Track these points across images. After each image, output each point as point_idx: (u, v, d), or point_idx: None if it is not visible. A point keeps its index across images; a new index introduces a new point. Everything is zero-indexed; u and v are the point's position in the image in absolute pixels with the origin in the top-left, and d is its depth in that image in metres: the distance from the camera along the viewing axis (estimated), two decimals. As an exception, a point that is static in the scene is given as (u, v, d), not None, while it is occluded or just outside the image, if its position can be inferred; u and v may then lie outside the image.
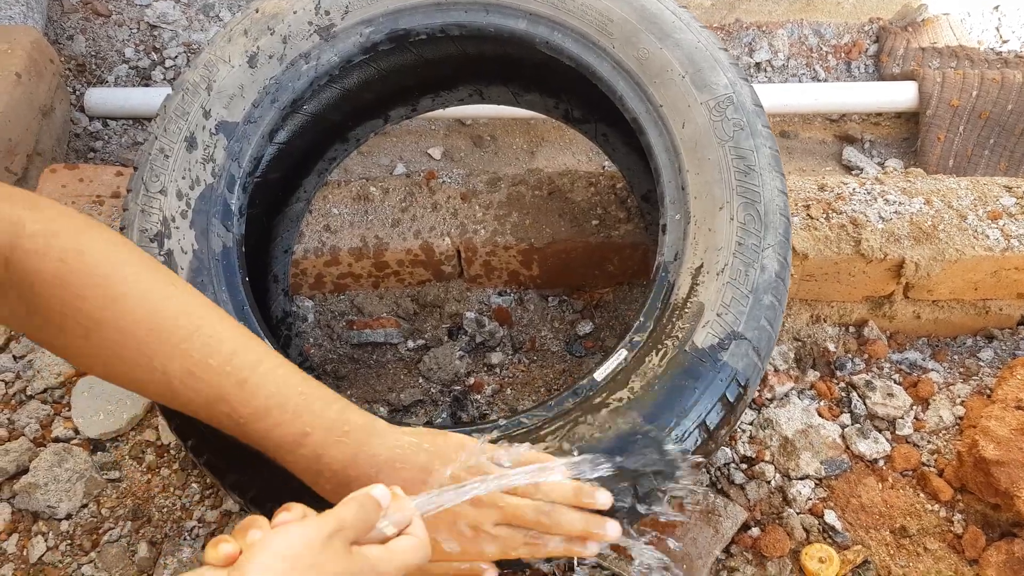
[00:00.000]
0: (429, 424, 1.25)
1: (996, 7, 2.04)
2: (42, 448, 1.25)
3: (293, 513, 0.62)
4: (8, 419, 1.29)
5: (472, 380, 1.31)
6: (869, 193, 1.31)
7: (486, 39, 1.12)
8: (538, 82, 1.27)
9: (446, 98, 1.32)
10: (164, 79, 1.86)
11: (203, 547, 1.15)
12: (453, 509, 0.74)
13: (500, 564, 0.81)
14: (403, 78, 1.22)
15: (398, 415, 1.28)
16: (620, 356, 0.92)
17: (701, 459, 0.86)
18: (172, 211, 1.03)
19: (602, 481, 0.81)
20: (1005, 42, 2.03)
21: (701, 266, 0.94)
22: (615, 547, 0.83)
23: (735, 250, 0.93)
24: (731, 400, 0.88)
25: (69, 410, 1.29)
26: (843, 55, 1.98)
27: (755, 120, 0.98)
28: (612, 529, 0.81)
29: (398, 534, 0.66)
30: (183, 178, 1.04)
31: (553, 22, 1.07)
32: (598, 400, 0.88)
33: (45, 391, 1.32)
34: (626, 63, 1.03)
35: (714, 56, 1.01)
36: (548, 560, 0.85)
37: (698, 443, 0.88)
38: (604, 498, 0.81)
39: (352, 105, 1.20)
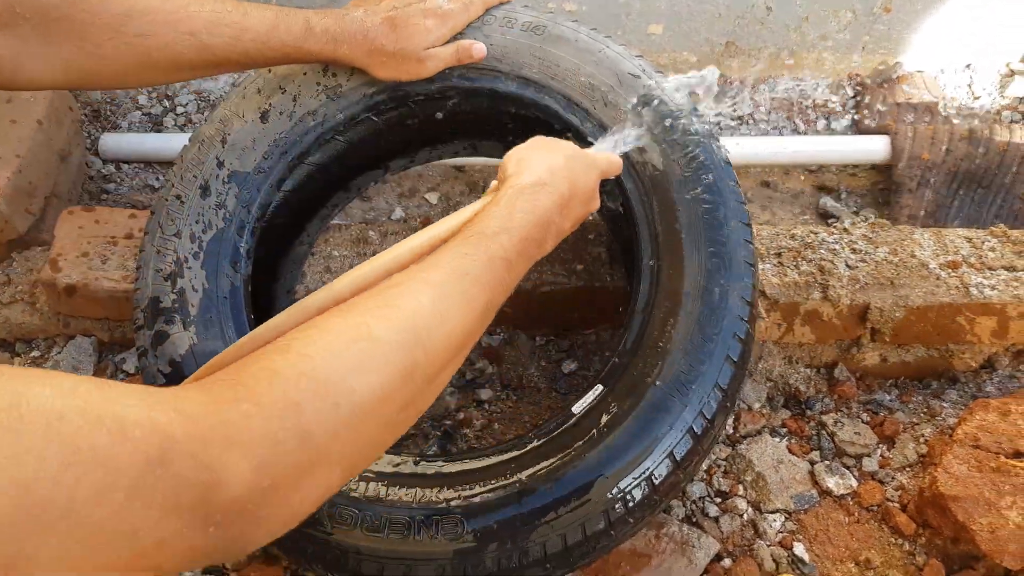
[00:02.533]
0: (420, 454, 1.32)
1: (968, 65, 2.15)
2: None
3: None
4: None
5: (462, 415, 1.39)
6: (837, 243, 1.39)
7: (480, 99, 1.21)
8: (527, 138, 1.36)
9: (442, 151, 1.41)
10: (175, 125, 1.96)
11: (202, 571, 1.21)
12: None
13: None
14: (403, 133, 1.31)
15: (390, 449, 1.35)
16: (596, 391, 0.99)
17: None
18: (185, 252, 1.11)
19: None
20: (977, 98, 2.13)
21: (671, 308, 1.02)
22: None
23: (703, 295, 1.01)
24: (698, 433, 0.96)
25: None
26: (822, 109, 2.08)
27: (723, 176, 1.07)
28: None
29: None
30: (196, 222, 1.12)
31: (540, 85, 1.16)
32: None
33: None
34: (607, 124, 1.13)
35: (687, 117, 1.10)
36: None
37: (667, 473, 0.95)
38: None
39: (355, 157, 1.29)
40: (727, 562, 1.21)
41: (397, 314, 0.66)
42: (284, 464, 0.56)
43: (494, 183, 0.93)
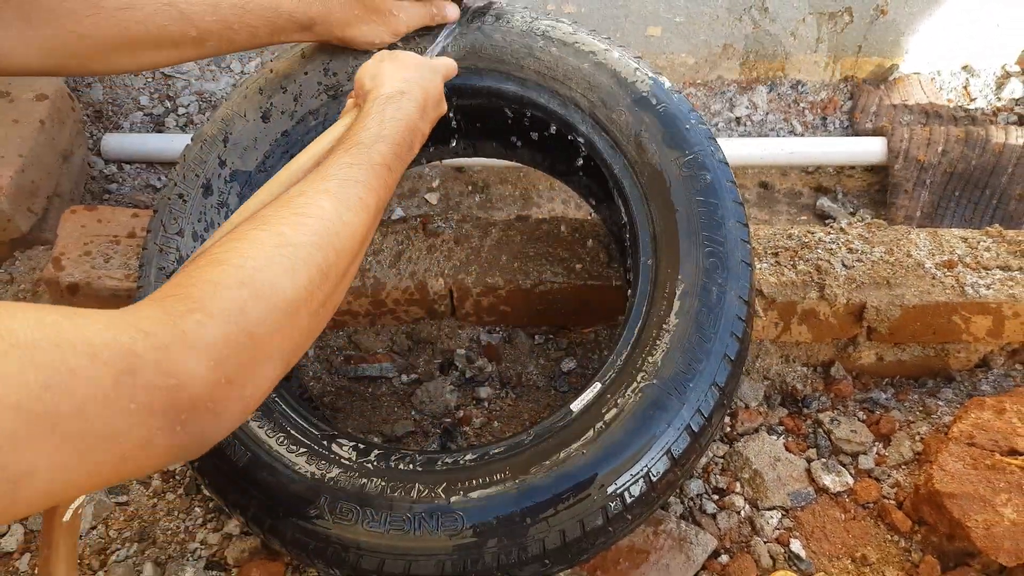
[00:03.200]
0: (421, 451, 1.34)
1: (964, 67, 2.17)
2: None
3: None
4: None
5: (462, 413, 1.40)
6: (834, 242, 1.41)
7: (480, 99, 1.22)
8: (526, 138, 1.37)
9: (442, 151, 1.42)
10: (177, 126, 1.97)
11: (205, 567, 1.22)
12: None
13: None
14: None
15: (391, 445, 1.36)
16: (595, 389, 1.00)
17: None
18: (188, 250, 1.12)
19: None
20: (972, 100, 2.14)
21: (669, 306, 1.03)
22: None
23: (700, 294, 1.02)
24: (695, 430, 0.97)
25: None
26: (819, 111, 2.10)
27: (721, 176, 1.08)
28: None
29: None
30: (199, 221, 1.14)
31: (540, 86, 1.17)
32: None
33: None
34: (607, 124, 1.14)
35: (685, 118, 1.11)
36: None
37: (665, 470, 0.96)
38: None
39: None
40: (724, 558, 1.22)
41: (307, 221, 0.75)
42: (236, 362, 0.64)
43: (350, 101, 1.02)
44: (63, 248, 1.44)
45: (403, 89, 0.95)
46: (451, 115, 1.24)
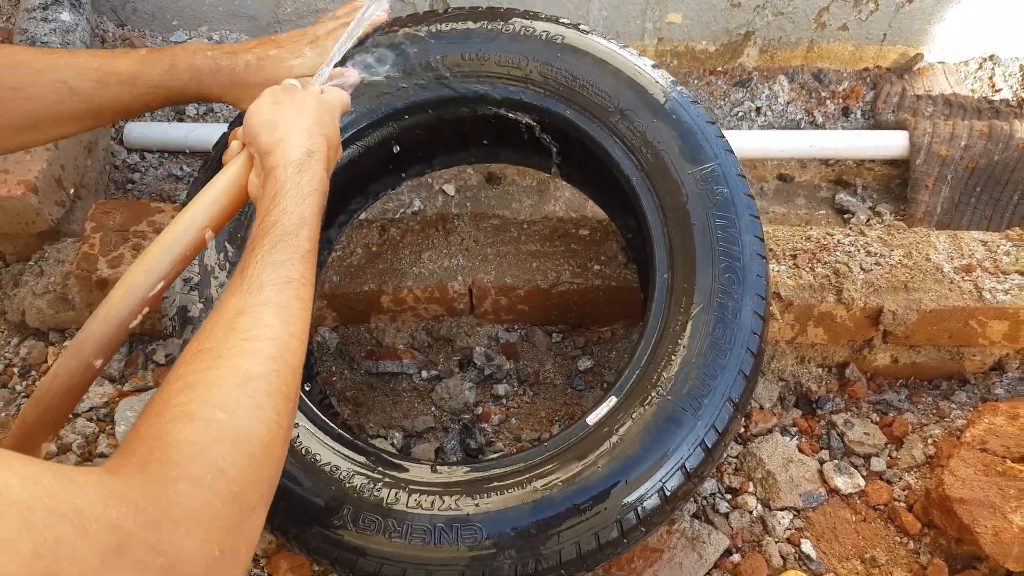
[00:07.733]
0: (440, 449, 1.37)
1: (990, 56, 2.14)
2: (88, 463, 1.37)
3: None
4: (57, 435, 1.41)
5: (480, 410, 1.43)
6: (852, 245, 1.41)
7: (495, 107, 1.23)
8: (542, 147, 1.37)
9: (458, 157, 1.43)
10: (198, 114, 1.98)
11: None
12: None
13: None
14: (420, 139, 1.33)
15: (412, 440, 1.39)
16: (610, 402, 1.02)
17: None
18: (211, 262, 1.15)
19: None
20: (998, 91, 2.12)
21: (685, 321, 1.04)
22: None
23: (716, 308, 1.03)
24: (709, 446, 0.99)
25: (113, 427, 1.41)
26: (840, 100, 2.08)
27: (737, 189, 1.09)
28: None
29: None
30: (222, 233, 1.15)
31: (558, 96, 1.18)
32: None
33: (91, 410, 1.45)
34: (627, 135, 1.14)
35: (703, 131, 1.12)
36: None
37: (679, 484, 0.98)
38: None
39: (373, 162, 1.31)
40: (736, 557, 1.25)
41: (259, 345, 0.71)
42: (224, 528, 0.61)
43: (235, 143, 0.95)
44: (92, 242, 1.47)
45: (311, 148, 0.88)
46: (467, 127, 1.25)
